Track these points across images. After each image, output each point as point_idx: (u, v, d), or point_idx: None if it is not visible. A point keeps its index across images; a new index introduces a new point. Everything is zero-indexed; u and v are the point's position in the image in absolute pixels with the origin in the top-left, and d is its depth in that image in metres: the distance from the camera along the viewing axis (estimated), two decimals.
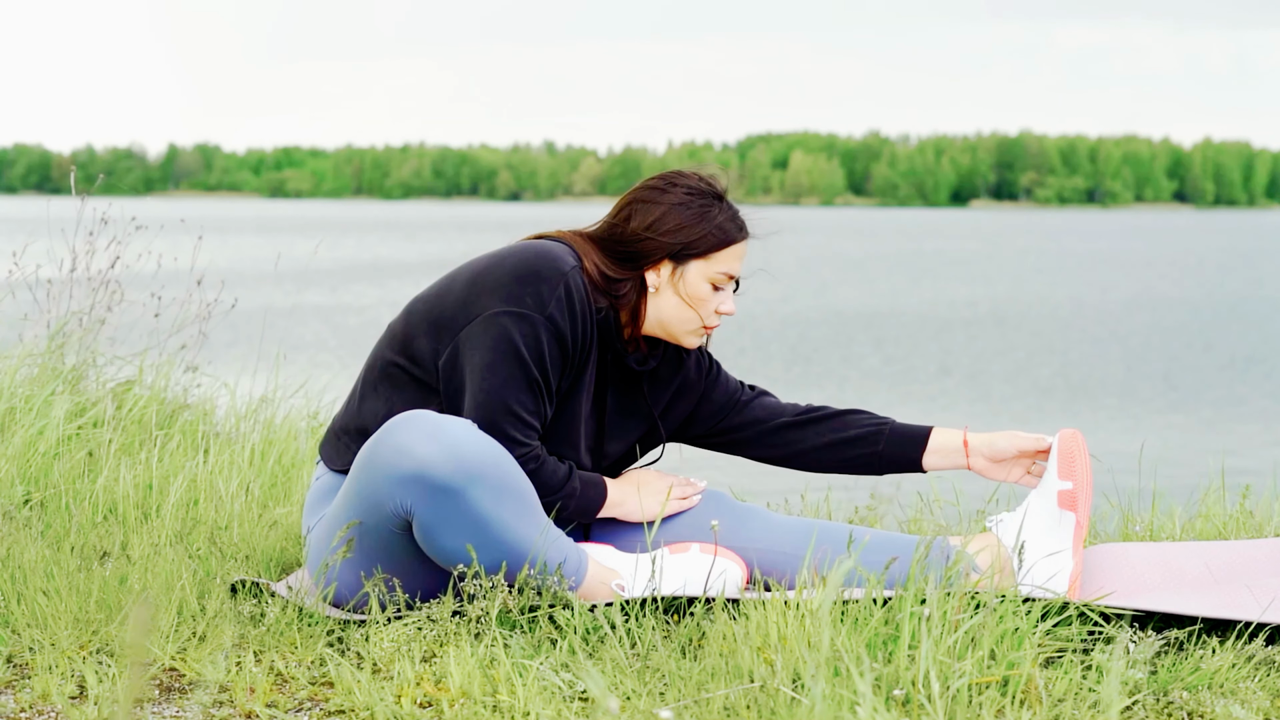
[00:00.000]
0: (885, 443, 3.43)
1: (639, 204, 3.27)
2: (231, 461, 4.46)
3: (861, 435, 3.44)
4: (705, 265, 3.26)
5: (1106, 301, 32.81)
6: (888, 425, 3.44)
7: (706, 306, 3.28)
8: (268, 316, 7.76)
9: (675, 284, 3.26)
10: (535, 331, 3.11)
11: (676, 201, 3.26)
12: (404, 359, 3.23)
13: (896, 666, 2.52)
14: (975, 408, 17.08)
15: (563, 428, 3.25)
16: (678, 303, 3.27)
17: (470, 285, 3.18)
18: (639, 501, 3.33)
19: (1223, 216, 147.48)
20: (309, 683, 2.82)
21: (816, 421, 3.47)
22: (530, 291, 3.12)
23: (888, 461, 3.44)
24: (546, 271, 3.14)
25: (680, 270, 3.25)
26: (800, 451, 3.48)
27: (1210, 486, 4.27)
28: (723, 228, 3.27)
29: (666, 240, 3.23)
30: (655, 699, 2.64)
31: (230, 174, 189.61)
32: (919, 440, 3.42)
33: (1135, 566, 3.42)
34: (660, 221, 3.24)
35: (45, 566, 3.37)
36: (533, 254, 3.17)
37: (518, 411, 3.11)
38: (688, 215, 3.25)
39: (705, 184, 3.31)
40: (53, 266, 5.67)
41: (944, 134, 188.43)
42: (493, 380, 3.10)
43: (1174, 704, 2.64)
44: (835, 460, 3.47)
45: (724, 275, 3.28)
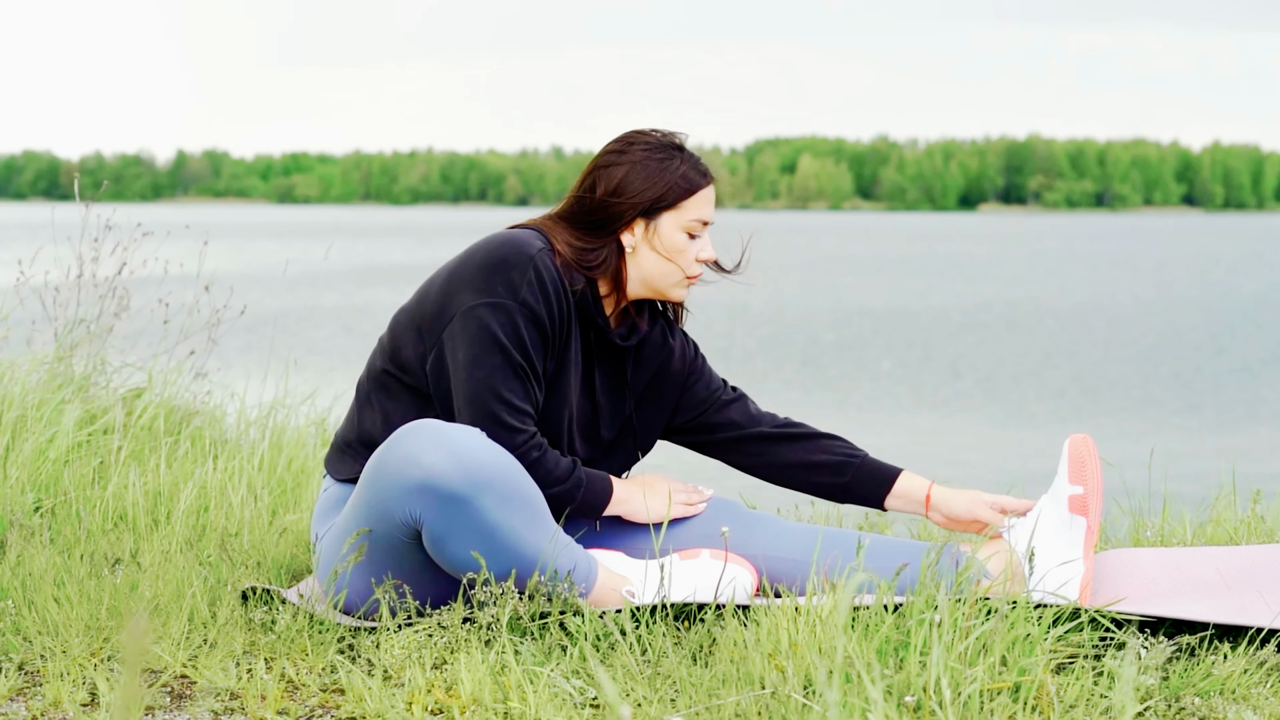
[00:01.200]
0: (852, 476, 3.44)
1: (601, 170, 3.29)
2: (241, 468, 4.46)
3: (831, 464, 3.45)
4: (677, 215, 3.28)
5: (1116, 305, 32.78)
6: (859, 459, 3.45)
7: (685, 256, 3.30)
8: (277, 322, 7.78)
9: (651, 240, 3.27)
10: (511, 318, 3.13)
11: (637, 159, 3.28)
12: (394, 368, 3.26)
13: (908, 673, 2.52)
14: (987, 410, 17.07)
15: (554, 411, 3.25)
16: (656, 258, 3.28)
17: (445, 286, 3.21)
18: (644, 501, 3.33)
19: (1232, 220, 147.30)
20: (320, 690, 2.81)
21: (792, 440, 3.48)
22: (500, 280, 3.14)
23: (852, 495, 3.46)
24: (514, 258, 3.16)
25: (653, 225, 3.27)
26: (770, 465, 3.49)
27: (1222, 492, 4.26)
28: (687, 176, 3.29)
29: (635, 199, 3.25)
30: (666, 706, 2.64)
31: (239, 180, 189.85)
32: (885, 481, 3.43)
33: (1147, 572, 3.41)
34: (625, 182, 3.26)
35: (56, 574, 3.38)
36: (498, 244, 3.20)
37: (508, 399, 3.12)
38: (651, 170, 3.27)
39: (663, 137, 3.33)
40: (60, 273, 5.68)
41: (952, 138, 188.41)
42: (478, 372, 3.12)
43: (1186, 710, 2.63)
44: (802, 482, 3.48)
45: (697, 222, 3.30)
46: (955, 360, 21.93)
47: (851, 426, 15.06)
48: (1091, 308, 31.95)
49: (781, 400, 16.51)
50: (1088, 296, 35.41)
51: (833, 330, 26.28)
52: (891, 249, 65.03)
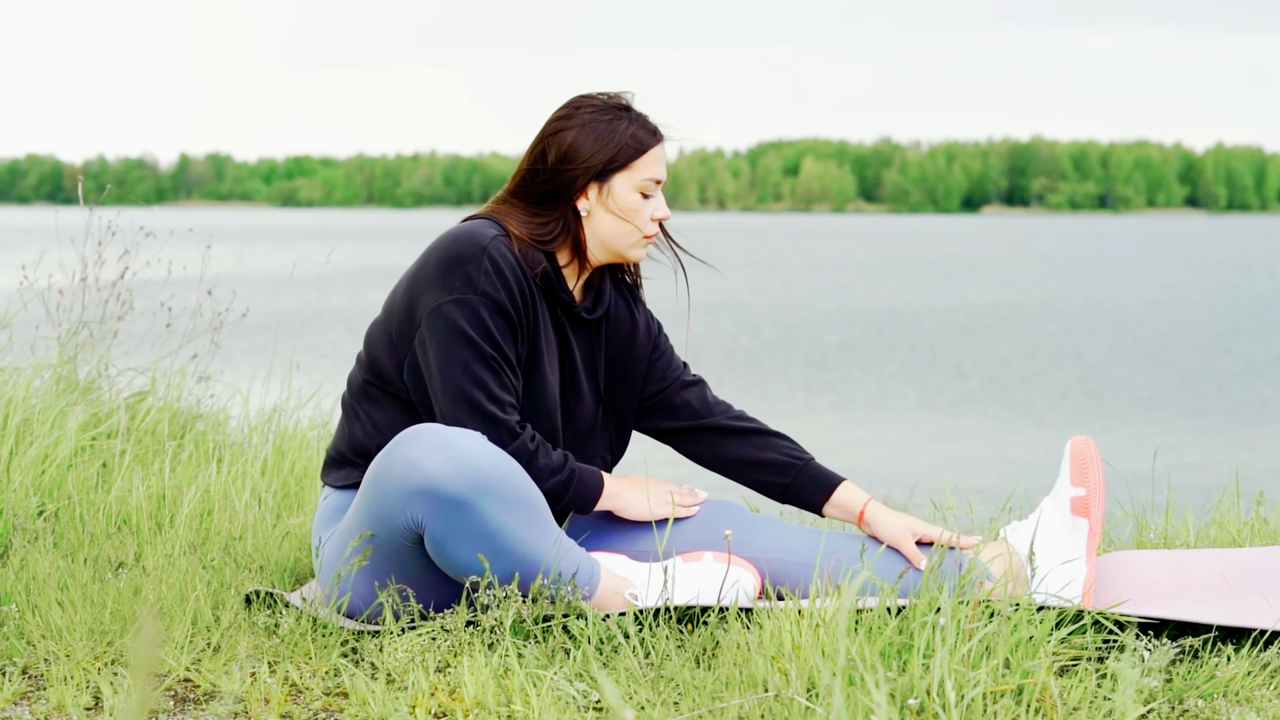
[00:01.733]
0: (794, 478, 3.43)
1: (551, 137, 3.29)
2: (245, 471, 4.47)
3: (777, 463, 3.44)
4: (629, 175, 3.28)
5: (1120, 306, 32.76)
6: (803, 463, 3.44)
7: (640, 216, 3.30)
8: (280, 325, 7.78)
9: (605, 202, 3.28)
10: (474, 311, 3.13)
11: (585, 122, 3.28)
12: (375, 379, 3.29)
13: (911, 676, 2.52)
14: (991, 412, 17.06)
15: (536, 393, 3.25)
16: (612, 219, 3.29)
17: (407, 293, 3.23)
18: (635, 496, 3.33)
19: (1235, 222, 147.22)
20: (324, 693, 2.82)
21: (743, 434, 3.48)
22: (458, 275, 3.15)
23: (791, 496, 3.45)
24: (467, 252, 3.17)
25: (606, 188, 3.27)
26: (719, 457, 3.49)
27: (1225, 493, 4.26)
28: (636, 136, 3.29)
29: (586, 163, 3.25)
30: (669, 709, 2.64)
31: (241, 183, 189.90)
32: (826, 488, 3.42)
33: (1149, 574, 3.41)
34: (575, 147, 3.26)
35: (60, 578, 3.38)
36: (451, 240, 3.21)
37: (485, 390, 3.13)
38: (600, 132, 3.27)
39: (609, 99, 3.33)
40: (64, 276, 5.68)
41: (955, 140, 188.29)
42: (452, 370, 3.13)
43: (1189, 712, 2.63)
44: (745, 477, 3.48)
45: (650, 181, 3.30)
46: (960, 362, 21.92)
47: (856, 429, 15.01)
48: (1095, 309, 31.93)
49: (786, 402, 16.50)
50: (1091, 298, 35.39)
51: (837, 332, 26.27)
52: (895, 251, 65.00)
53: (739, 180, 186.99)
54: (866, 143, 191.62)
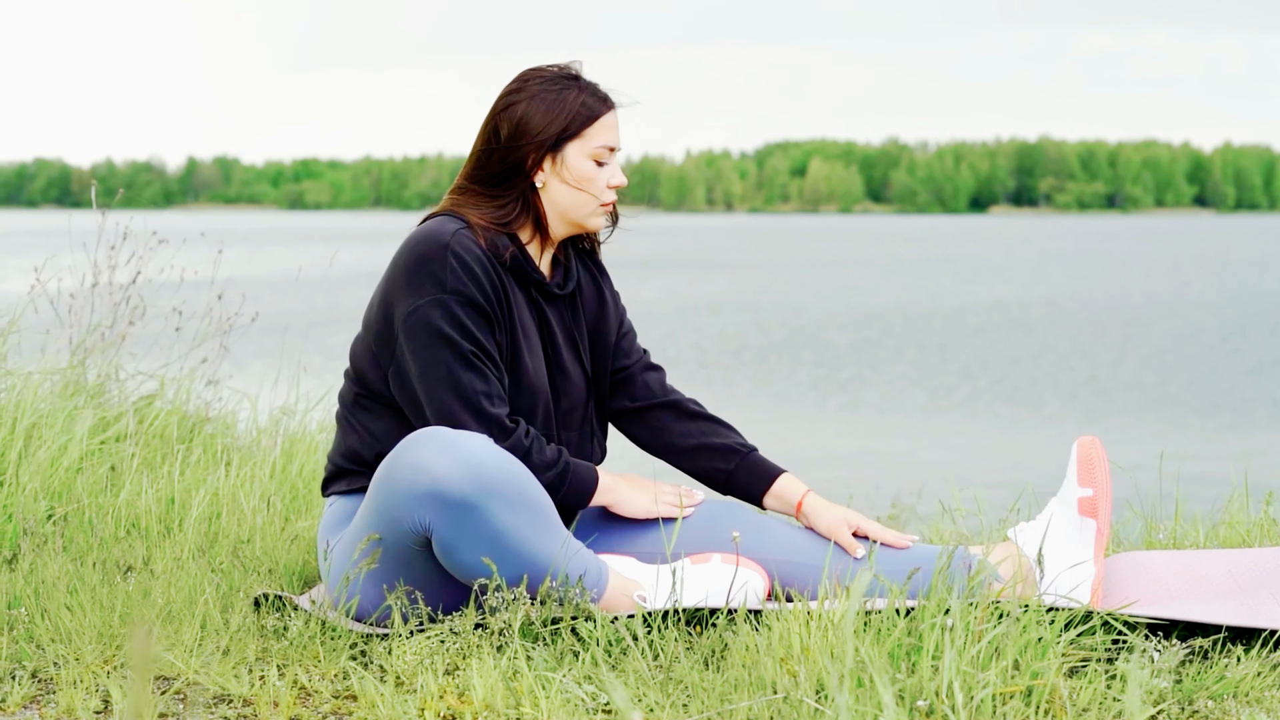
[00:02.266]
0: (737, 465, 3.44)
1: (501, 113, 3.29)
2: (253, 475, 4.47)
3: (722, 449, 3.45)
4: (581, 144, 3.28)
5: (1129, 306, 32.73)
6: (746, 451, 3.45)
7: (596, 184, 3.31)
8: (289, 328, 7.77)
9: (560, 173, 3.28)
10: (447, 310, 3.14)
11: (534, 94, 3.28)
12: (364, 391, 3.30)
13: (920, 677, 2.51)
14: (1000, 411, 17.05)
15: (524, 378, 3.25)
16: (568, 189, 3.29)
17: (382, 304, 3.24)
18: (631, 491, 3.34)
19: (1244, 221, 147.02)
20: (332, 696, 2.82)
21: (694, 418, 3.49)
22: (425, 278, 3.16)
23: (734, 484, 3.45)
24: (430, 251, 3.17)
25: (560, 158, 3.27)
26: (668, 441, 3.49)
27: (1234, 494, 4.25)
28: (587, 104, 3.29)
29: (538, 136, 3.25)
30: (678, 711, 2.64)
31: (249, 186, 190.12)
32: (766, 479, 3.43)
33: (1159, 575, 3.40)
34: (525, 120, 3.26)
35: (69, 581, 3.39)
36: (413, 243, 3.21)
37: (472, 390, 3.13)
38: (549, 102, 3.27)
39: (558, 70, 3.33)
40: (74, 280, 5.69)
41: (963, 140, 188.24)
42: (435, 374, 3.14)
43: (1199, 713, 2.63)
44: (691, 462, 3.48)
45: (603, 148, 3.31)
46: (969, 362, 21.91)
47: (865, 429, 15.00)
48: (1104, 309, 31.90)
49: (795, 403, 16.49)
50: (1101, 297, 35.36)
51: (846, 332, 26.25)
52: (904, 251, 64.99)
53: (746, 181, 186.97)
54: (874, 143, 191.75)
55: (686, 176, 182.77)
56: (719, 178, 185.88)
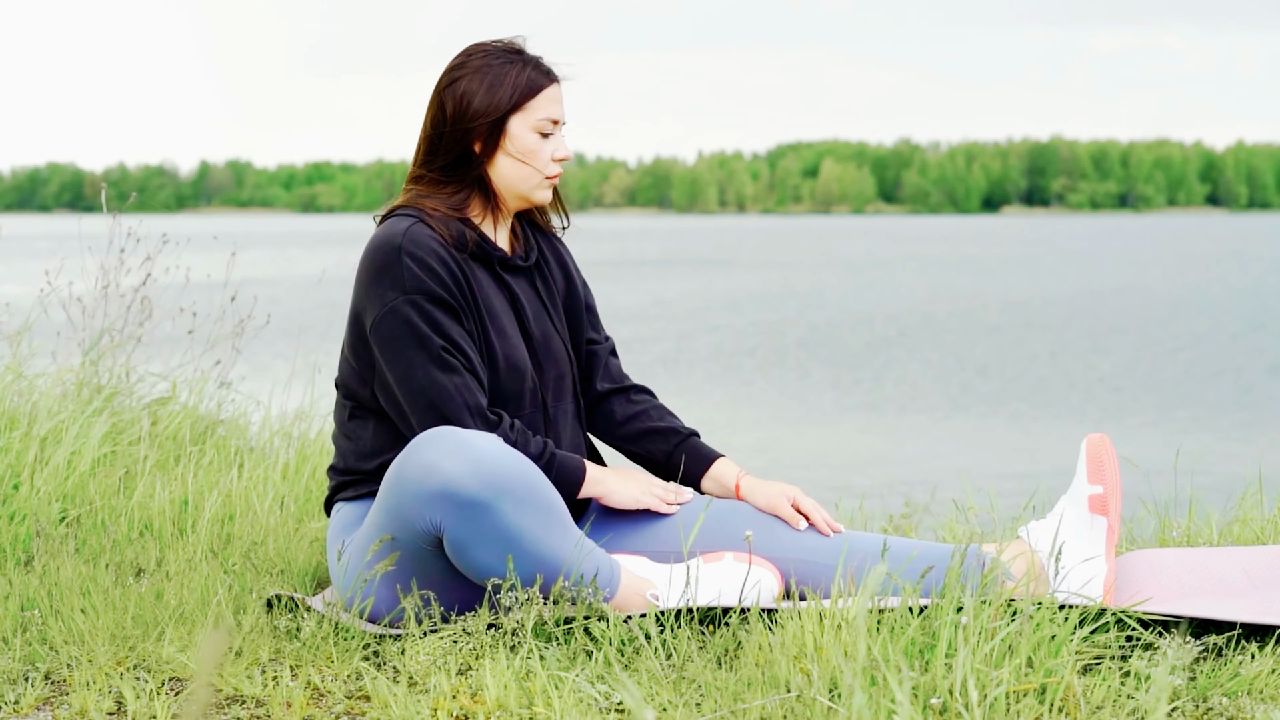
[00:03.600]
0: (676, 447, 3.48)
1: (445, 90, 3.31)
2: (266, 476, 4.47)
3: (665, 432, 3.49)
4: (524, 117, 3.29)
5: (1142, 305, 32.68)
6: (686, 434, 3.49)
7: (540, 157, 3.32)
8: (301, 331, 7.78)
9: (506, 148, 3.29)
10: (416, 309, 3.16)
11: (476, 68, 3.30)
12: (354, 403, 3.32)
13: (934, 675, 2.51)
14: (1011, 408, 17.02)
15: (508, 358, 3.26)
16: (514, 163, 3.30)
17: (355, 318, 3.27)
18: (619, 483, 3.34)
19: (1257, 220, 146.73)
20: (345, 696, 2.82)
21: (640, 403, 3.53)
22: (385, 283, 3.17)
23: (674, 468, 3.48)
24: (384, 257, 3.19)
25: (505, 131, 3.28)
26: (616, 424, 3.52)
27: (1247, 491, 4.24)
28: (530, 77, 3.31)
29: (483, 114, 3.26)
30: (691, 710, 2.63)
31: (262, 189, 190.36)
32: (704, 462, 3.46)
33: (1172, 572, 3.39)
34: (469, 94, 3.27)
35: (82, 583, 3.39)
36: (370, 252, 3.23)
37: (451, 390, 3.14)
38: (493, 76, 3.29)
39: (500, 44, 3.35)
40: (85, 283, 5.70)
41: (975, 140, 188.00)
42: (411, 379, 3.15)
43: (1213, 710, 2.62)
44: (632, 447, 3.51)
45: (547, 120, 3.31)
46: (981, 360, 21.88)
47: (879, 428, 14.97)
48: (1116, 308, 31.85)
49: (810, 402, 16.48)
50: (1112, 297, 35.30)
51: (861, 331, 26.23)
52: (918, 251, 64.95)
53: (758, 183, 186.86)
54: (886, 144, 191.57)
55: (698, 178, 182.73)
56: (731, 179, 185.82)
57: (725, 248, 62.37)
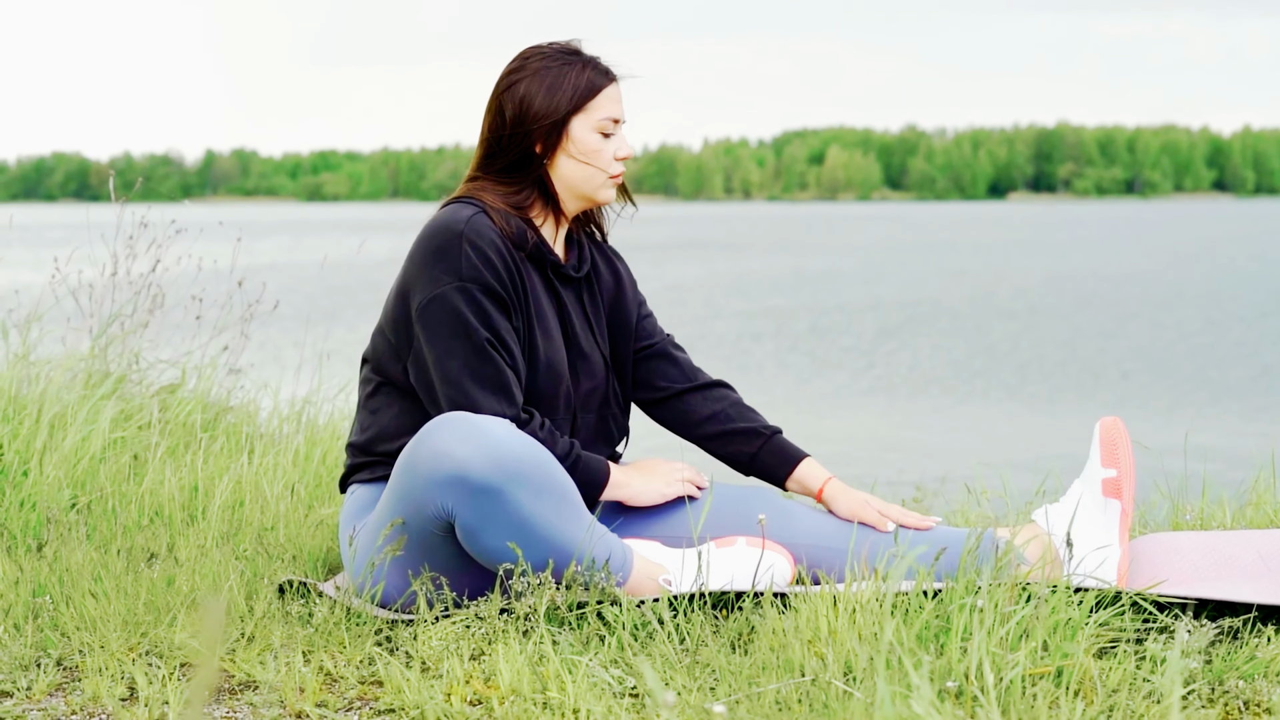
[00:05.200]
0: (761, 448, 3.44)
1: (505, 94, 3.29)
2: (276, 462, 4.47)
3: (746, 432, 3.45)
4: (585, 118, 3.27)
5: (1151, 290, 32.64)
6: (771, 435, 3.45)
7: (603, 156, 3.30)
8: (310, 316, 7.78)
9: (567, 149, 3.28)
10: (464, 298, 3.13)
11: (535, 71, 3.28)
12: (383, 378, 3.29)
13: (949, 659, 2.50)
14: (1024, 392, 17.01)
15: (545, 360, 3.24)
16: (576, 164, 3.28)
17: (400, 294, 3.24)
18: (644, 482, 3.33)
19: (1264, 205, 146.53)
20: (358, 682, 2.81)
21: (719, 400, 3.50)
22: (441, 267, 3.14)
23: (758, 468, 3.46)
24: (444, 242, 3.16)
25: (567, 133, 3.27)
26: (694, 422, 3.49)
27: (1260, 474, 4.23)
28: (589, 78, 3.29)
29: (543, 114, 3.25)
30: (706, 694, 2.62)
31: (267, 178, 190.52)
32: (790, 462, 3.43)
33: (1187, 555, 3.39)
34: (528, 97, 3.25)
35: (93, 569, 3.38)
36: (430, 233, 3.20)
37: (486, 384, 3.12)
38: (551, 78, 3.27)
39: (557, 46, 3.33)
40: (94, 271, 5.70)
41: (981, 127, 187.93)
42: (451, 365, 3.13)
43: (1229, 693, 2.61)
44: (714, 445, 3.49)
45: (608, 120, 3.30)
46: (993, 345, 21.87)
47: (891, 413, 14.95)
48: (1128, 293, 31.82)
49: (821, 387, 16.47)
50: (1123, 282, 35.26)
51: (871, 317, 26.21)
52: (924, 237, 64.90)
53: (764, 169, 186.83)
54: (892, 130, 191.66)
55: (704, 165, 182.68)
56: (736, 166, 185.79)
57: (734, 234, 62.39)
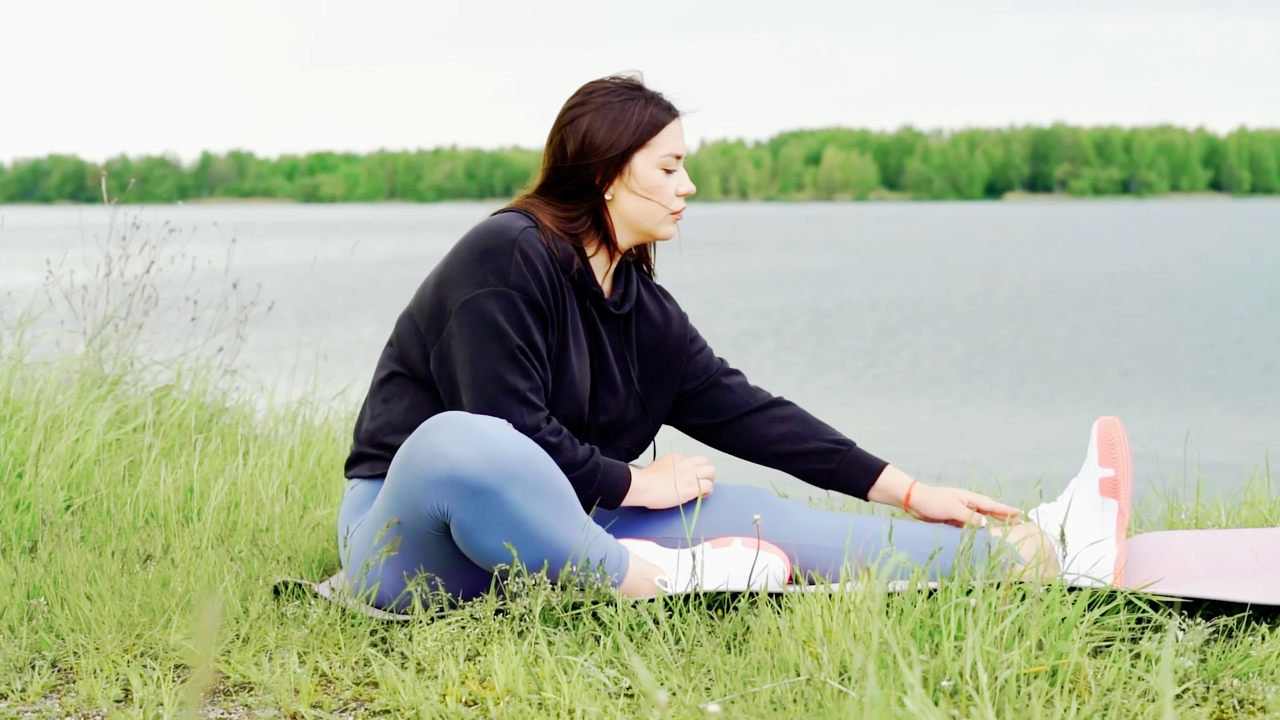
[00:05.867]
0: (839, 464, 3.44)
1: (567, 127, 3.28)
2: (271, 464, 4.46)
3: (822, 451, 3.45)
4: (648, 154, 3.27)
5: (1148, 289, 32.65)
6: (848, 449, 3.45)
7: (665, 192, 3.29)
8: (305, 318, 7.78)
9: (629, 183, 3.27)
10: (508, 304, 3.12)
11: (598, 106, 3.27)
12: (403, 368, 3.27)
13: (943, 658, 2.50)
14: (1020, 391, 17.02)
15: (567, 383, 3.24)
16: (637, 200, 3.28)
17: (439, 285, 3.21)
18: (665, 485, 3.32)
19: (1260, 205, 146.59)
20: (353, 683, 2.81)
21: (785, 421, 3.48)
22: (489, 269, 3.14)
23: (838, 483, 3.46)
24: (498, 245, 3.15)
25: (628, 168, 3.26)
26: (763, 447, 3.49)
27: (1256, 473, 4.23)
28: (652, 114, 3.28)
29: (605, 149, 3.24)
30: (701, 694, 2.62)
31: (264, 180, 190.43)
32: (871, 473, 3.43)
33: (1182, 555, 3.39)
34: (591, 132, 3.25)
35: (88, 571, 3.38)
36: (482, 233, 3.19)
37: (513, 387, 3.11)
38: (614, 114, 3.26)
39: (620, 81, 3.32)
40: (88, 273, 5.69)
41: (977, 127, 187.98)
42: (481, 363, 3.11)
43: (1224, 691, 2.61)
44: (789, 465, 3.48)
45: (670, 156, 3.29)
46: (989, 344, 21.88)
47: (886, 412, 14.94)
48: (1124, 292, 31.83)
49: (818, 385, 16.47)
50: (1120, 281, 35.27)
51: (868, 316, 26.22)
52: (921, 238, 64.91)
53: (761, 170, 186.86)
54: (889, 131, 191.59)
55: (701, 166, 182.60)
56: (733, 167, 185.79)
57: (732, 234, 62.44)
